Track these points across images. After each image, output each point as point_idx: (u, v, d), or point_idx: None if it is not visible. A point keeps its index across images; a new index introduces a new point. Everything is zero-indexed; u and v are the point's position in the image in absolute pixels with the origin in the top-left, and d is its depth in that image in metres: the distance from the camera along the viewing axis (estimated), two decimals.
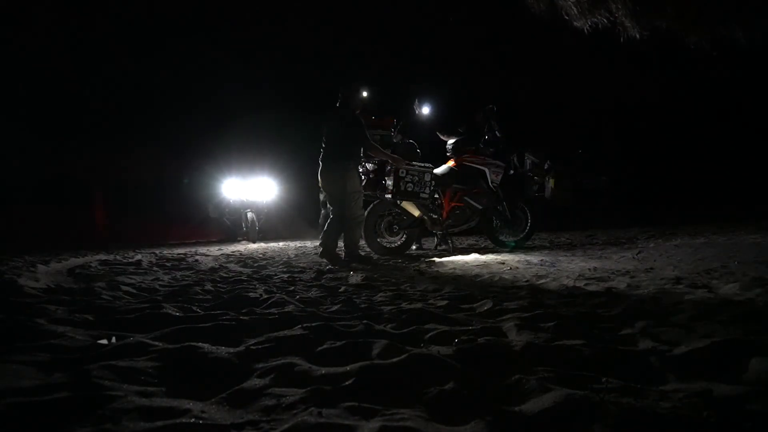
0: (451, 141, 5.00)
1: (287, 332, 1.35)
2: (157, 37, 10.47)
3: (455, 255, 4.61)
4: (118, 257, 4.75)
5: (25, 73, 9.23)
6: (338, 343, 1.22)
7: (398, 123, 4.84)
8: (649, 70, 10.21)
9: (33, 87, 9.33)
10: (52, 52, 9.34)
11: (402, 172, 4.34)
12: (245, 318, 1.56)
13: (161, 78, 10.57)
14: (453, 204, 4.95)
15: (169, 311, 1.66)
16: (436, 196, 5.03)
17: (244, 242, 8.54)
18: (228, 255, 5.32)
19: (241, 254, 5.46)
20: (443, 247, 5.27)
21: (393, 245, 4.67)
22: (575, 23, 4.60)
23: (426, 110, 5.16)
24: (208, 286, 2.54)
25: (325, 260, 4.01)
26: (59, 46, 9.42)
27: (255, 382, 0.99)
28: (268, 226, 9.52)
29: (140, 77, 10.48)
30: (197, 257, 4.90)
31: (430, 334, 1.36)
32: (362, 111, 4.37)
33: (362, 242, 4.41)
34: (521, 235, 5.06)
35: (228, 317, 1.56)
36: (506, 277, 2.82)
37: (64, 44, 9.49)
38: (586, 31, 4.63)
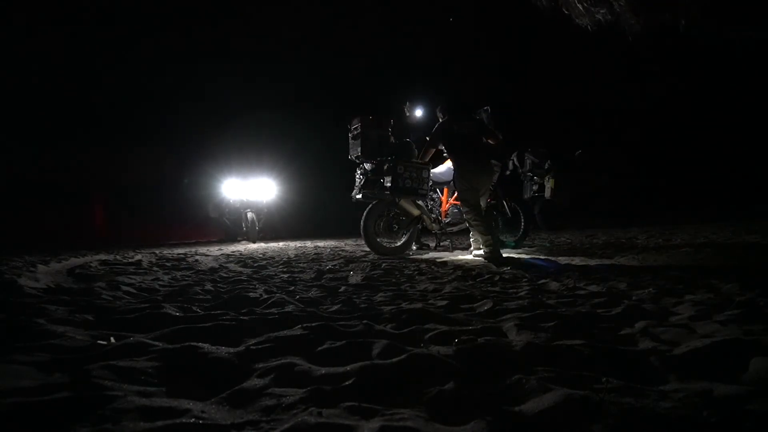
0: None
1: (287, 332, 1.35)
2: (157, 36, 10.47)
3: (455, 254, 4.61)
4: (118, 257, 4.74)
5: (25, 72, 9.23)
6: (338, 343, 1.22)
7: (395, 123, 4.85)
8: (651, 68, 10.21)
9: (32, 87, 9.33)
10: (51, 52, 9.33)
11: (400, 169, 4.35)
12: (245, 318, 1.55)
13: (161, 77, 10.57)
14: (451, 202, 4.95)
15: (169, 311, 1.66)
16: (435, 195, 5.04)
17: (244, 242, 8.54)
18: (228, 255, 5.32)
19: (241, 254, 5.45)
20: (444, 244, 5.27)
21: (393, 245, 4.67)
22: (577, 20, 4.59)
23: (418, 113, 5.18)
24: (208, 286, 2.54)
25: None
26: (59, 45, 9.41)
27: (255, 382, 0.99)
28: (268, 226, 9.53)
29: (140, 77, 10.48)
30: (197, 257, 4.90)
31: (430, 334, 1.35)
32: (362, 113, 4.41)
33: (362, 242, 4.41)
34: (518, 235, 5.07)
35: (228, 317, 1.56)
36: (506, 277, 2.82)
37: (64, 43, 9.49)
38: (589, 28, 4.62)
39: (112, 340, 1.29)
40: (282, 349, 1.20)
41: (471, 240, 4.34)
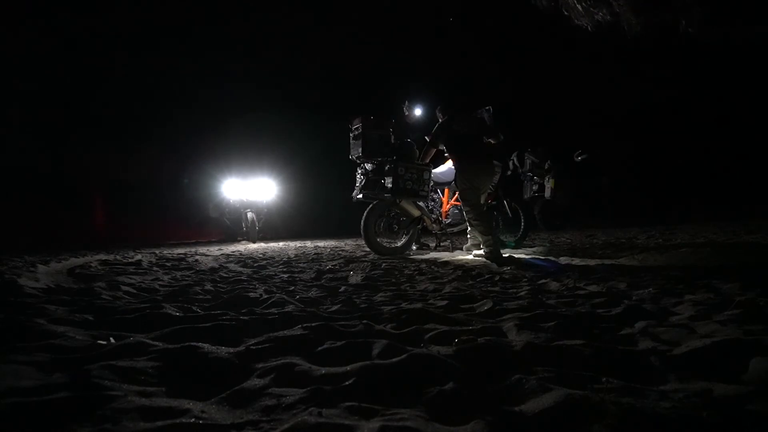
0: None
1: (287, 332, 1.35)
2: (157, 35, 10.48)
3: (455, 254, 4.61)
4: (118, 257, 4.74)
5: (25, 72, 9.23)
6: (338, 343, 1.22)
7: (396, 123, 4.85)
8: (651, 69, 10.21)
9: (33, 86, 9.33)
10: (51, 51, 9.33)
11: (401, 170, 4.35)
12: (245, 318, 1.55)
13: (161, 77, 10.58)
14: (452, 203, 4.95)
15: (169, 311, 1.66)
16: (436, 196, 5.04)
17: (244, 242, 8.55)
18: (228, 255, 5.32)
19: (241, 254, 5.45)
20: (444, 244, 5.27)
21: (393, 245, 4.67)
22: (577, 21, 4.59)
23: (417, 113, 5.19)
24: (208, 286, 2.54)
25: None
26: (59, 45, 9.42)
27: (255, 382, 0.99)
28: (268, 226, 9.53)
29: (141, 76, 10.48)
30: (197, 257, 4.90)
31: (430, 334, 1.35)
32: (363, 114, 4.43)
33: (362, 242, 4.40)
34: (518, 235, 5.07)
35: (228, 317, 1.56)
36: (506, 276, 2.82)
37: (64, 43, 9.49)
38: (589, 28, 4.61)
39: (112, 340, 1.29)
40: (282, 349, 1.20)
41: (468, 237, 4.34)
